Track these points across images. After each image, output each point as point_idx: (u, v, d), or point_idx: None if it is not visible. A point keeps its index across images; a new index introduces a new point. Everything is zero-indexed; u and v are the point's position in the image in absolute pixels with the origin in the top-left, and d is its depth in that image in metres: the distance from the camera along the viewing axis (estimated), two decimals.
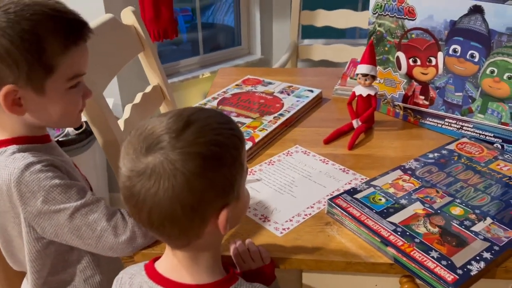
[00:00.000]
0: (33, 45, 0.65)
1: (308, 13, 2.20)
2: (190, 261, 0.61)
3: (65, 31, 0.68)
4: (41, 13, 0.66)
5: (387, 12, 1.08)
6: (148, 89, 1.30)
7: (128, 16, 1.25)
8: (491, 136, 1.00)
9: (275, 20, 2.39)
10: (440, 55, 1.02)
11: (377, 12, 1.10)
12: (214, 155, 0.54)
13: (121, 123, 1.08)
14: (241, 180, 0.59)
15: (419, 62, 1.07)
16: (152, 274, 0.63)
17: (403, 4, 1.04)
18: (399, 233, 0.73)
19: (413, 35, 1.05)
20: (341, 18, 2.18)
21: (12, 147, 0.71)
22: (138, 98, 1.23)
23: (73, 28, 0.70)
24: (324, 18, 2.19)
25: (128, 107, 1.16)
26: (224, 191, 0.56)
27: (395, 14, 1.07)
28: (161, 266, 0.64)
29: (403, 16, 1.06)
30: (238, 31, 2.41)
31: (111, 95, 1.78)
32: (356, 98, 1.11)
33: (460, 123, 1.04)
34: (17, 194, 0.69)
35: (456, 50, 0.99)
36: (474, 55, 0.97)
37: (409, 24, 1.05)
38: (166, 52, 2.71)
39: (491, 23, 0.92)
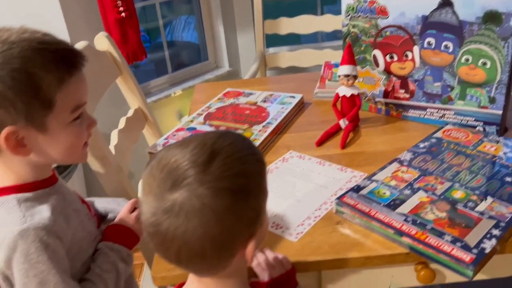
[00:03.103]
0: (27, 84, 0.63)
1: (271, 22, 2.23)
2: (218, 286, 0.60)
3: (57, 63, 0.66)
4: (29, 49, 0.64)
5: (359, 13, 1.12)
6: (130, 113, 1.29)
7: (102, 42, 1.24)
8: (472, 121, 1.05)
9: (238, 32, 2.42)
10: (416, 49, 1.07)
11: (349, 14, 1.14)
12: (242, 187, 0.53)
13: (111, 149, 1.06)
14: (264, 206, 0.58)
15: (396, 58, 1.12)
16: None
17: (374, 4, 1.09)
18: (410, 222, 0.75)
19: (387, 33, 1.10)
20: (303, 24, 2.22)
21: (13, 198, 0.69)
22: (122, 123, 1.21)
23: (65, 59, 0.68)
24: (287, 25, 2.23)
25: (114, 133, 1.15)
26: (251, 222, 0.55)
27: (367, 14, 1.11)
28: None
29: (375, 16, 1.10)
30: (204, 46, 2.42)
31: None
32: (340, 99, 1.14)
33: (442, 112, 1.09)
34: (4, 260, 0.67)
35: (431, 43, 1.04)
36: (448, 45, 1.02)
37: (382, 22, 1.10)
38: None
39: (461, 14, 0.97)
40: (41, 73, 0.64)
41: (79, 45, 1.14)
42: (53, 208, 0.71)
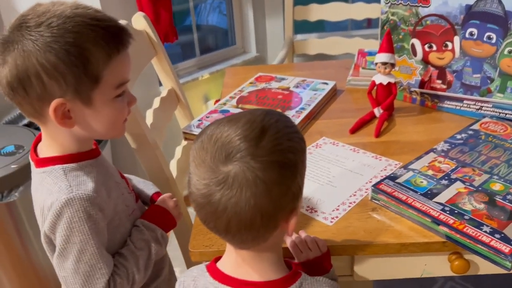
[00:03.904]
0: (78, 57, 0.65)
1: (301, 8, 2.21)
2: (255, 259, 0.62)
3: (107, 40, 0.67)
4: (82, 24, 0.66)
5: (400, 1, 1.11)
6: (164, 93, 1.30)
7: (139, 21, 1.25)
8: (511, 114, 1.04)
9: (267, 17, 2.40)
10: (457, 39, 1.05)
11: (389, 1, 1.13)
12: (290, 162, 0.56)
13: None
14: (304, 184, 0.61)
15: (434, 48, 1.10)
16: (216, 274, 0.63)
17: None
18: (448, 212, 0.75)
19: (427, 22, 1.08)
20: (334, 11, 2.20)
21: (59, 168, 0.72)
22: (156, 102, 1.23)
23: (114, 36, 0.69)
24: (317, 12, 2.21)
25: (149, 112, 1.16)
26: (295, 196, 0.58)
27: (408, 2, 1.09)
28: (224, 266, 0.64)
29: (416, 4, 1.08)
30: (232, 30, 2.42)
31: None
32: (375, 87, 1.13)
33: (479, 104, 1.08)
34: (49, 225, 0.70)
35: (473, 33, 1.02)
36: (491, 36, 1.00)
37: (423, 11, 1.08)
38: None
39: (508, 5, 0.95)
40: (92, 49, 0.66)
41: None
42: (96, 179, 0.73)
